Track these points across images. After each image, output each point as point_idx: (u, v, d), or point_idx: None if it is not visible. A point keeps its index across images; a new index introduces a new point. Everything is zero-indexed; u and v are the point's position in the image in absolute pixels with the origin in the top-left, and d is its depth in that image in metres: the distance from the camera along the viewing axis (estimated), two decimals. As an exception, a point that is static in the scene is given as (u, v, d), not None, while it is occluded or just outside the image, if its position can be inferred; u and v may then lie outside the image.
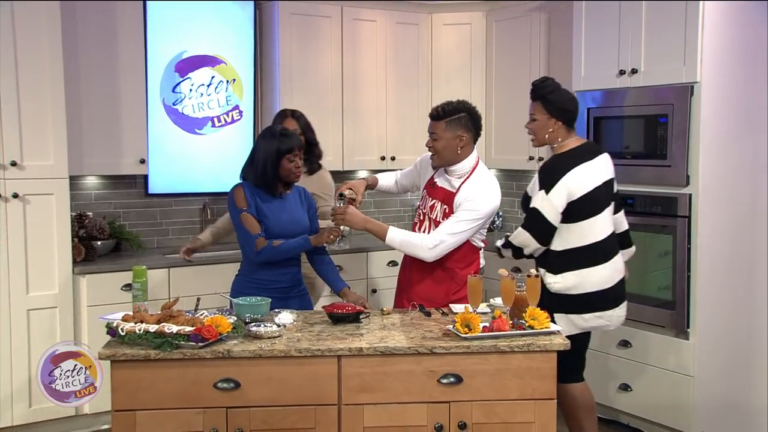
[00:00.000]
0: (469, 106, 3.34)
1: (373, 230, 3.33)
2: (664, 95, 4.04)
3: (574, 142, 3.45)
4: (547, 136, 3.44)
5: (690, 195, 3.96)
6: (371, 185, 3.66)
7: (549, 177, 3.37)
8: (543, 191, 3.35)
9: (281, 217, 3.34)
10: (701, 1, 3.84)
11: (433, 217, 3.36)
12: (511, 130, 5.33)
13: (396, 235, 3.29)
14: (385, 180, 3.74)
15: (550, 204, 3.34)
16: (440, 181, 3.41)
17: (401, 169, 3.83)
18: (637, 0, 4.14)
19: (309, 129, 4.10)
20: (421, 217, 3.46)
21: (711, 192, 3.98)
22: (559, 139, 3.44)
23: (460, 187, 3.31)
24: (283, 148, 3.29)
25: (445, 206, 3.33)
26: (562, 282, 3.36)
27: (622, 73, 4.23)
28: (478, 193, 3.27)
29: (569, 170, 3.36)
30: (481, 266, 3.45)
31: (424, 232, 3.37)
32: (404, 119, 5.48)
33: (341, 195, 3.35)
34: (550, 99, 3.39)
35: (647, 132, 4.16)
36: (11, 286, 4.04)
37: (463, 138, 3.29)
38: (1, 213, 3.99)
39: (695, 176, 3.94)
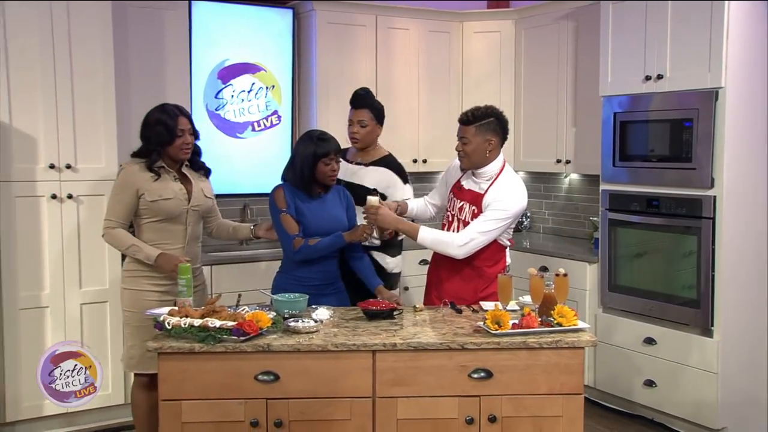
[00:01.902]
0: (497, 111, 3.42)
1: (405, 230, 3.42)
2: (689, 100, 4.09)
3: None
4: (378, 138, 3.89)
5: (714, 197, 4.00)
6: (402, 212, 3.64)
7: (404, 172, 3.87)
8: (408, 185, 3.85)
9: (320, 215, 3.42)
10: (726, 1, 3.87)
11: (462, 218, 3.43)
12: (539, 134, 5.39)
13: (427, 234, 3.37)
14: (414, 203, 3.76)
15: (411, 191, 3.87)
16: (467, 184, 3.49)
17: (430, 176, 3.94)
18: (662, 0, 4.18)
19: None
20: (450, 219, 3.52)
21: (735, 194, 4.03)
22: (378, 142, 3.92)
23: (488, 188, 3.38)
24: (320, 152, 3.36)
25: (473, 207, 3.40)
26: (398, 264, 3.89)
27: (647, 78, 4.29)
28: (506, 193, 3.35)
29: None
30: (507, 264, 3.53)
31: (453, 232, 3.44)
32: (436, 123, 5.56)
33: (375, 190, 3.46)
34: (377, 107, 3.82)
35: (672, 136, 4.20)
36: (65, 281, 4.22)
37: (492, 142, 3.37)
38: (56, 212, 4.18)
39: (720, 179, 3.99)
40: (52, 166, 4.16)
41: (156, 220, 3.49)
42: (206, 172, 3.72)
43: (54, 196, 4.17)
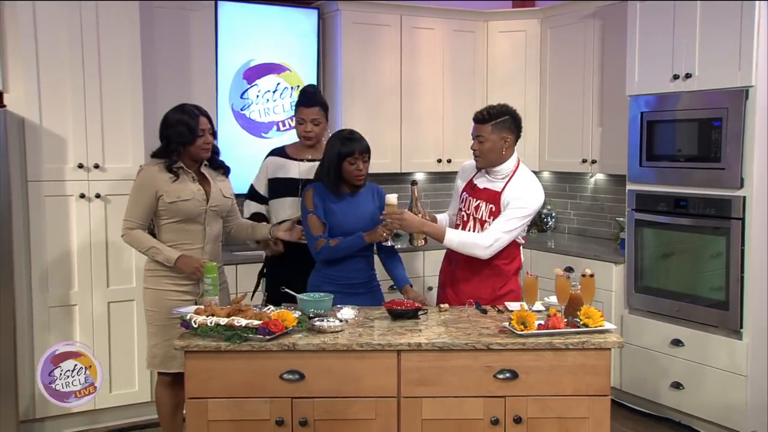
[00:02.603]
0: (512, 109, 3.44)
1: (431, 233, 3.41)
2: (718, 99, 4.04)
3: None
4: (326, 134, 3.80)
5: (744, 197, 3.96)
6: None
7: None
8: None
9: (351, 214, 3.41)
10: (757, 1, 3.82)
11: (479, 217, 3.45)
12: (564, 134, 5.36)
13: (454, 236, 3.38)
14: (442, 218, 3.75)
15: None
16: (482, 182, 3.50)
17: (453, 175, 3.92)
18: (691, 0, 4.14)
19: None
20: (465, 218, 3.52)
21: (765, 194, 3.97)
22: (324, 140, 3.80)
23: (505, 186, 3.41)
24: (344, 151, 3.34)
25: (491, 205, 3.42)
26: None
27: (676, 77, 4.25)
28: (525, 191, 3.38)
29: None
30: (521, 262, 3.55)
31: (470, 231, 3.46)
32: (460, 123, 5.53)
33: (414, 182, 3.47)
34: (325, 104, 3.82)
35: (701, 135, 4.16)
36: (93, 279, 4.28)
37: (508, 140, 3.40)
38: (85, 212, 4.24)
39: (749, 179, 3.94)
40: (80, 166, 4.22)
41: (174, 221, 3.47)
42: (225, 171, 3.70)
43: (82, 196, 4.24)
